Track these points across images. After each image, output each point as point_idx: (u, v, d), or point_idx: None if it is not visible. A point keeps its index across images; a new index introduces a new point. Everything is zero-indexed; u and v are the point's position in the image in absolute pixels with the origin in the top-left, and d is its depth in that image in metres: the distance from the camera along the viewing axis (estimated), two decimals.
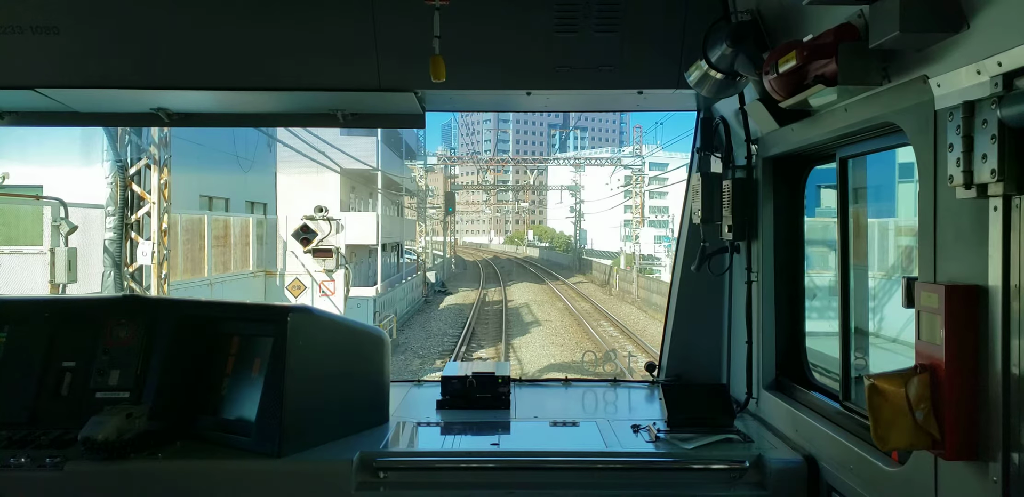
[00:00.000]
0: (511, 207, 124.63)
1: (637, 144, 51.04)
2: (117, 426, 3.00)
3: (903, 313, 2.34)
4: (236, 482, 3.06)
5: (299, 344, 3.18)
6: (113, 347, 3.45)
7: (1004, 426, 1.89)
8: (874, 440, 2.14)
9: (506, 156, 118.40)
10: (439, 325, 32.33)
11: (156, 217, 13.61)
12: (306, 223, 21.27)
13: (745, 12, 3.14)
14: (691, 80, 3.26)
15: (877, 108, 2.44)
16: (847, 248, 3.14)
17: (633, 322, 32.34)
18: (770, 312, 3.55)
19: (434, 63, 2.98)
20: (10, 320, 3.53)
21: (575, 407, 3.92)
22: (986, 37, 1.87)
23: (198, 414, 3.31)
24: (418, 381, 4.45)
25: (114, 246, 13.35)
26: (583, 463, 3.15)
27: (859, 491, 2.63)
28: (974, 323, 1.98)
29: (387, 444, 3.27)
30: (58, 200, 13.86)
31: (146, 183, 13.64)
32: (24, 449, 3.06)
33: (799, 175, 3.52)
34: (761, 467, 3.07)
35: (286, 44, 3.49)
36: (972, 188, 1.90)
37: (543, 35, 3.48)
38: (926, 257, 2.18)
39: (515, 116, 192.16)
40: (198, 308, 3.83)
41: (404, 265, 47.73)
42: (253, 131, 23.31)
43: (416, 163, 55.89)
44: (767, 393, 3.55)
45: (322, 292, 22.45)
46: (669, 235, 64.61)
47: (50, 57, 3.43)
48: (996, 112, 1.78)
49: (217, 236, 20.73)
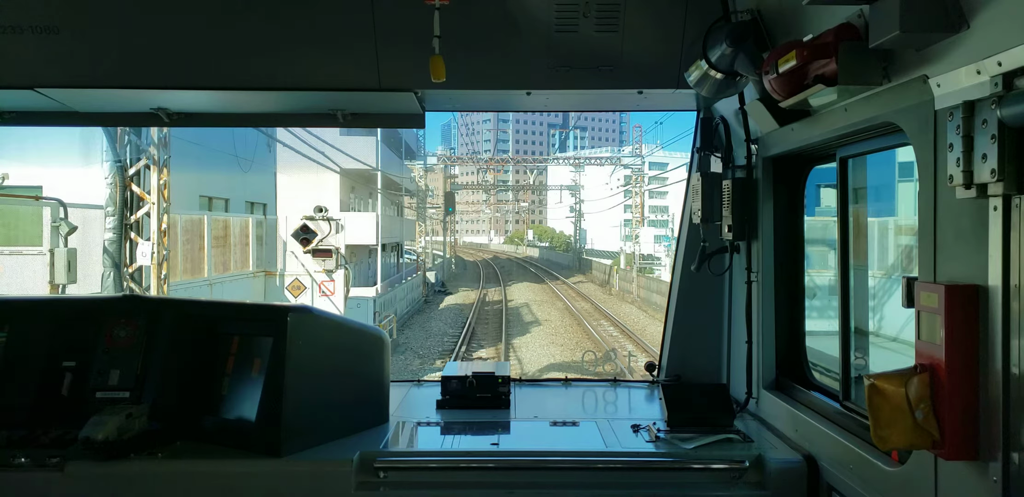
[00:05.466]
0: (511, 207, 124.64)
1: (637, 144, 51.08)
2: (117, 426, 3.00)
3: (903, 313, 2.34)
4: (236, 482, 3.06)
5: (299, 344, 3.19)
6: (113, 347, 3.45)
7: (1004, 426, 1.89)
8: (874, 440, 2.14)
9: (506, 156, 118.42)
10: (439, 325, 32.32)
11: (156, 217, 13.61)
12: (306, 223, 21.29)
13: (745, 12, 3.14)
14: (691, 80, 3.26)
15: (877, 108, 2.44)
16: (847, 248, 3.13)
17: (633, 322, 32.34)
18: (770, 312, 3.56)
19: (434, 63, 2.99)
20: (10, 320, 3.53)
21: (575, 407, 3.92)
22: (986, 37, 1.87)
23: (198, 414, 3.31)
24: (418, 381, 4.45)
25: (114, 246, 13.35)
26: (583, 463, 3.15)
27: (859, 491, 2.63)
28: (974, 323, 1.98)
29: (387, 444, 3.27)
30: (58, 201, 13.85)
31: (146, 183, 13.64)
32: (24, 449, 3.06)
33: (799, 175, 3.52)
34: (761, 467, 3.07)
35: (286, 44, 3.49)
36: (972, 188, 1.90)
37: (543, 35, 3.48)
38: (926, 257, 2.18)
39: (515, 116, 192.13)
40: (198, 308, 3.83)
41: (404, 265, 47.74)
42: (253, 131, 23.30)
43: (416, 163, 55.91)
44: (767, 393, 3.55)
45: (322, 292, 22.47)
46: (669, 235, 64.58)
47: (50, 57, 3.43)
48: (996, 112, 1.79)
49: (217, 236, 20.72)
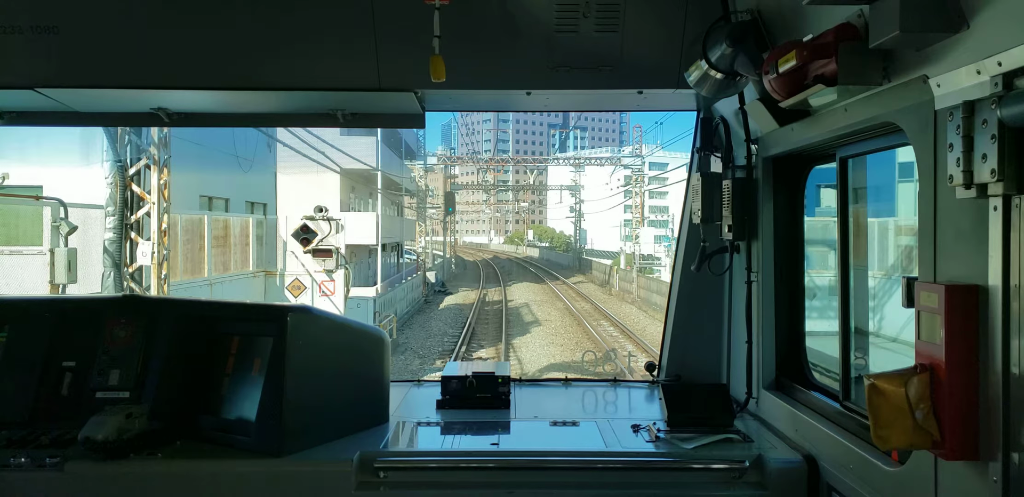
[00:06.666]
0: (511, 207, 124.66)
1: (637, 144, 51.05)
2: (117, 426, 3.00)
3: (903, 313, 2.34)
4: (236, 482, 3.06)
5: (299, 344, 3.19)
6: (113, 347, 3.45)
7: (1004, 426, 1.89)
8: (874, 440, 2.14)
9: (506, 156, 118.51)
10: (439, 325, 32.31)
11: (156, 217, 13.61)
12: (306, 223, 21.27)
13: (745, 12, 3.14)
14: (691, 80, 3.26)
15: (877, 108, 2.44)
16: (847, 248, 3.13)
17: (633, 322, 32.33)
18: (770, 312, 3.56)
19: (434, 63, 2.99)
20: (10, 320, 3.53)
21: (575, 407, 3.92)
22: (986, 37, 1.87)
23: (198, 414, 3.31)
24: (418, 381, 4.45)
25: (114, 246, 13.35)
26: (583, 463, 3.15)
27: (859, 491, 2.63)
28: (974, 323, 1.98)
29: (387, 444, 3.27)
30: (58, 200, 13.84)
31: (146, 183, 13.64)
32: (24, 449, 3.06)
33: (799, 175, 3.52)
34: (761, 467, 3.07)
35: (286, 44, 3.49)
36: (972, 188, 1.90)
37: (543, 35, 3.48)
38: (926, 257, 2.18)
39: (515, 116, 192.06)
40: (198, 308, 3.83)
41: (404, 265, 47.73)
42: (253, 131, 23.30)
43: (416, 163, 55.88)
44: (767, 393, 3.55)
45: (322, 292, 22.46)
46: (669, 235, 64.57)
47: (50, 57, 3.43)
48: (996, 112, 1.79)
49: (217, 236, 20.71)
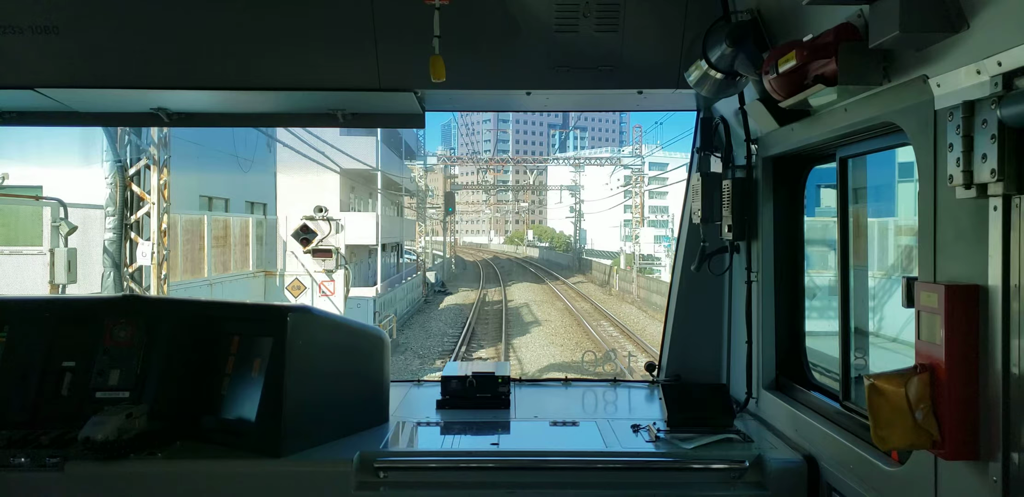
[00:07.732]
0: (511, 207, 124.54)
1: (637, 144, 51.04)
2: (117, 426, 3.00)
3: (903, 313, 2.34)
4: (236, 482, 3.06)
5: (299, 344, 3.19)
6: (113, 347, 3.45)
7: (1004, 426, 1.89)
8: (874, 440, 2.14)
9: (506, 156, 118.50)
10: (439, 325, 32.31)
11: (156, 217, 13.61)
12: (306, 223, 21.28)
13: (745, 12, 3.14)
14: (691, 80, 3.26)
15: (877, 108, 2.44)
16: (847, 248, 3.13)
17: (633, 322, 32.33)
18: (770, 312, 3.56)
19: (434, 63, 2.99)
20: (10, 320, 3.53)
21: (575, 407, 3.92)
22: (986, 37, 1.87)
23: (198, 414, 3.31)
24: (418, 381, 4.45)
25: (114, 246, 13.35)
26: (583, 463, 3.14)
27: (859, 491, 2.63)
28: (974, 323, 1.98)
29: (387, 444, 3.27)
30: (58, 201, 13.83)
31: (146, 183, 13.64)
32: (24, 449, 3.06)
33: (799, 175, 3.52)
34: (761, 467, 3.07)
35: (286, 44, 3.49)
36: (972, 188, 1.90)
37: (543, 35, 3.48)
38: (926, 257, 2.18)
39: (515, 116, 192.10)
40: (198, 308, 3.83)
41: (404, 265, 47.73)
42: (253, 131, 23.30)
43: (416, 163, 55.87)
44: (767, 393, 3.55)
45: (322, 292, 22.46)
46: (669, 235, 64.56)
47: (50, 57, 3.43)
48: (996, 112, 1.78)
49: (217, 236, 20.71)
